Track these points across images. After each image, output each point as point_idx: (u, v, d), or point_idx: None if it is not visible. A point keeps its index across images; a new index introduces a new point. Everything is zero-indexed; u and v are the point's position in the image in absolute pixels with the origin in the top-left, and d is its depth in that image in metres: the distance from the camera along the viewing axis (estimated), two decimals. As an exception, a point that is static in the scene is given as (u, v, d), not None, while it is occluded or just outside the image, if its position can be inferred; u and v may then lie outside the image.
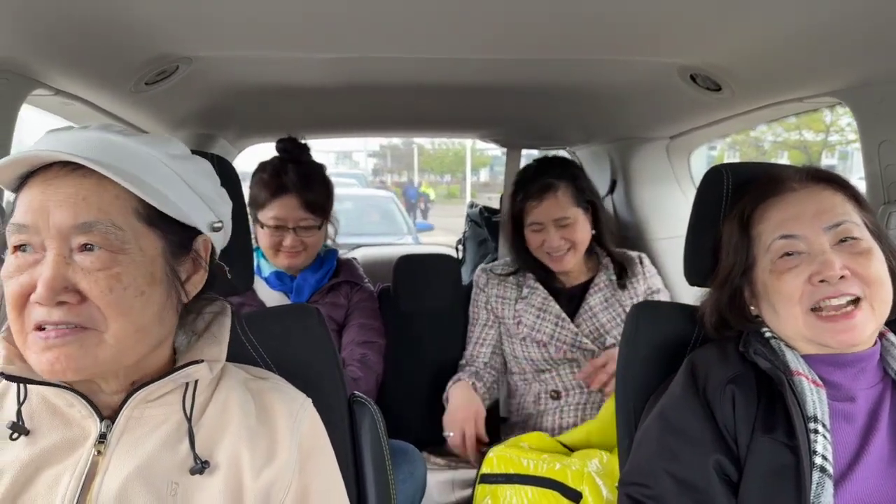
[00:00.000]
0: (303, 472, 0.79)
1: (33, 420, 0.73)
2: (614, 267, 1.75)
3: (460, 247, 2.73)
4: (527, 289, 1.74)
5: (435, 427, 1.62)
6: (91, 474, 0.71)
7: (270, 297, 1.64)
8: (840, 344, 0.87)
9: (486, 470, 1.36)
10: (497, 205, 2.62)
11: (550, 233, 1.66)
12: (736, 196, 1.03)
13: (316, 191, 1.61)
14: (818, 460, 0.81)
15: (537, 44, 1.24)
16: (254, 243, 1.39)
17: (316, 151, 1.72)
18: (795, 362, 0.89)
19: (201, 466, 0.73)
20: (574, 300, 1.72)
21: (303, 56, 1.32)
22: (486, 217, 2.59)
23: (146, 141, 0.74)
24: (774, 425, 0.86)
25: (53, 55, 1.11)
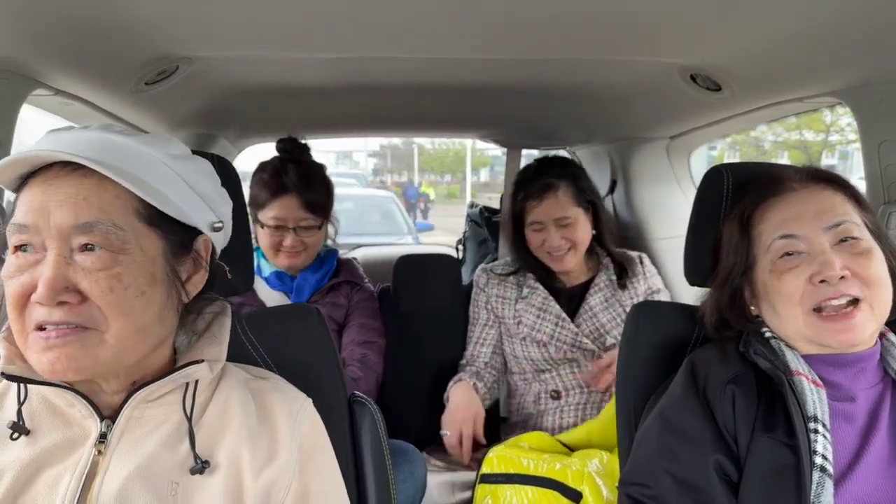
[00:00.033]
0: (303, 472, 0.79)
1: (34, 420, 0.73)
2: (614, 267, 1.75)
3: (460, 247, 2.73)
4: (527, 289, 1.74)
5: (435, 427, 1.62)
6: (91, 474, 0.71)
7: (270, 297, 1.64)
8: (840, 344, 0.87)
9: (487, 470, 1.36)
10: (497, 205, 2.62)
11: (551, 232, 1.66)
12: (736, 196, 1.03)
13: (316, 191, 1.61)
14: (818, 460, 0.81)
15: (537, 44, 1.24)
16: (254, 243, 1.39)
17: (316, 151, 1.72)
18: (795, 362, 0.89)
19: (202, 466, 0.73)
20: (574, 300, 1.72)
21: (303, 56, 1.32)
22: (487, 217, 2.59)
23: (147, 141, 0.74)
24: (774, 425, 0.86)
25: (54, 55, 1.11)
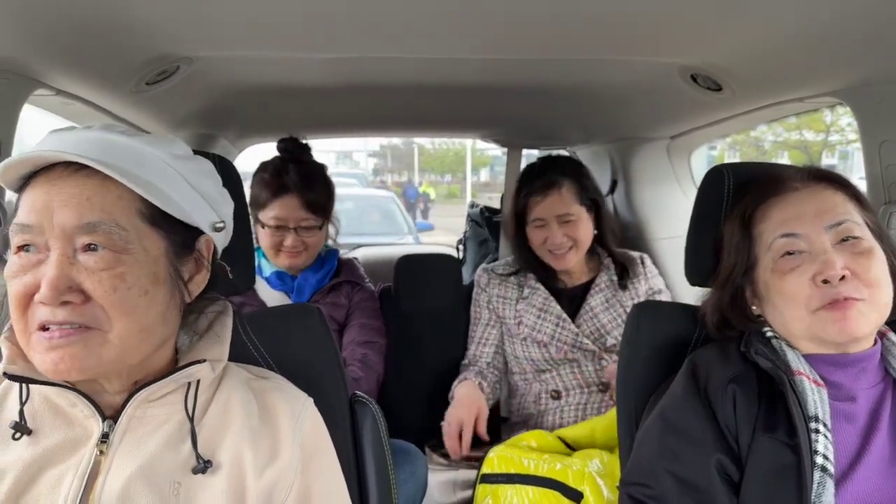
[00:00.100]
0: (305, 472, 0.79)
1: (36, 420, 0.73)
2: (616, 267, 1.75)
3: (461, 247, 2.73)
4: (528, 289, 1.74)
5: (436, 427, 1.62)
6: (94, 474, 0.71)
7: (271, 297, 1.64)
8: (840, 333, 0.86)
9: (487, 470, 1.36)
10: (497, 205, 2.62)
11: (553, 229, 1.66)
12: (737, 196, 1.03)
13: (317, 191, 1.61)
14: (819, 460, 0.81)
15: (537, 44, 1.24)
16: (255, 243, 1.39)
17: (316, 151, 1.71)
18: (797, 362, 0.89)
19: (204, 466, 0.73)
20: (575, 300, 1.72)
21: (303, 56, 1.32)
22: (487, 217, 2.59)
23: (149, 141, 0.74)
24: (776, 425, 0.86)
25: (54, 55, 1.11)
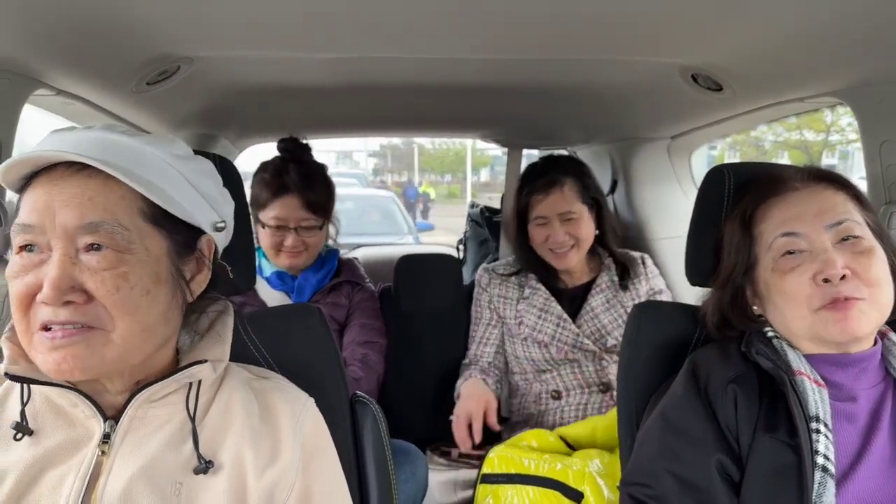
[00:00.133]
0: (306, 473, 0.79)
1: (37, 420, 0.73)
2: (616, 268, 1.75)
3: (461, 247, 2.73)
4: (528, 289, 1.74)
5: (437, 427, 1.62)
6: (95, 474, 0.71)
7: (272, 297, 1.64)
8: (841, 333, 0.86)
9: (488, 470, 1.36)
10: (498, 205, 2.62)
11: (555, 227, 1.66)
12: (737, 196, 1.03)
13: (317, 191, 1.61)
14: (820, 460, 0.81)
15: (537, 44, 1.24)
16: (255, 243, 1.39)
17: (316, 151, 1.71)
18: (797, 362, 0.89)
19: (205, 466, 0.73)
20: (576, 301, 1.72)
21: (303, 56, 1.32)
22: (488, 217, 2.59)
23: (150, 141, 0.74)
24: (776, 425, 0.86)
25: (55, 55, 1.11)
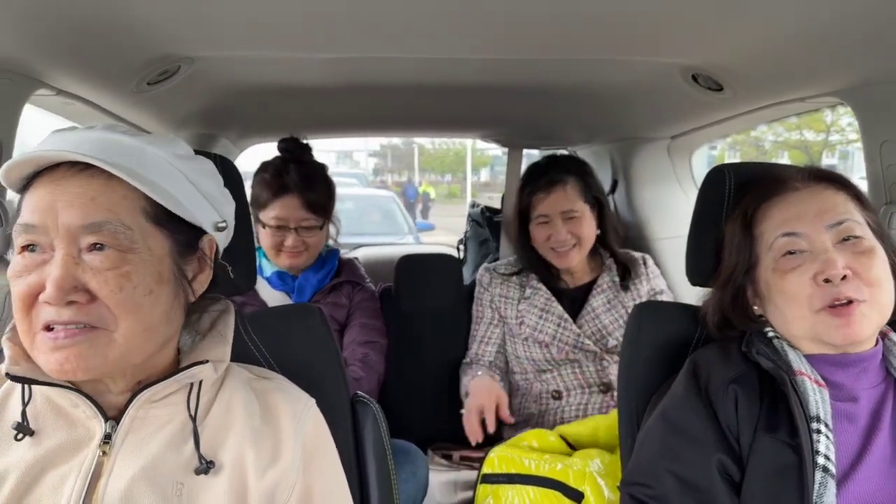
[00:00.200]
0: (307, 473, 0.79)
1: (38, 421, 0.73)
2: (618, 268, 1.75)
3: (461, 246, 2.73)
4: (530, 289, 1.74)
5: (437, 427, 1.62)
6: (96, 475, 0.71)
7: (272, 297, 1.64)
8: (842, 338, 0.87)
9: (488, 470, 1.36)
10: (498, 204, 2.62)
11: (557, 225, 1.66)
12: (738, 196, 1.03)
13: (317, 191, 1.61)
14: (821, 460, 0.81)
15: (537, 44, 1.24)
16: (255, 243, 1.39)
17: (316, 151, 1.71)
18: (798, 362, 0.89)
19: (206, 467, 0.73)
20: (577, 301, 1.72)
21: (303, 56, 1.32)
22: (488, 217, 2.59)
23: (152, 141, 0.74)
24: (777, 425, 0.86)
25: (55, 55, 1.11)
